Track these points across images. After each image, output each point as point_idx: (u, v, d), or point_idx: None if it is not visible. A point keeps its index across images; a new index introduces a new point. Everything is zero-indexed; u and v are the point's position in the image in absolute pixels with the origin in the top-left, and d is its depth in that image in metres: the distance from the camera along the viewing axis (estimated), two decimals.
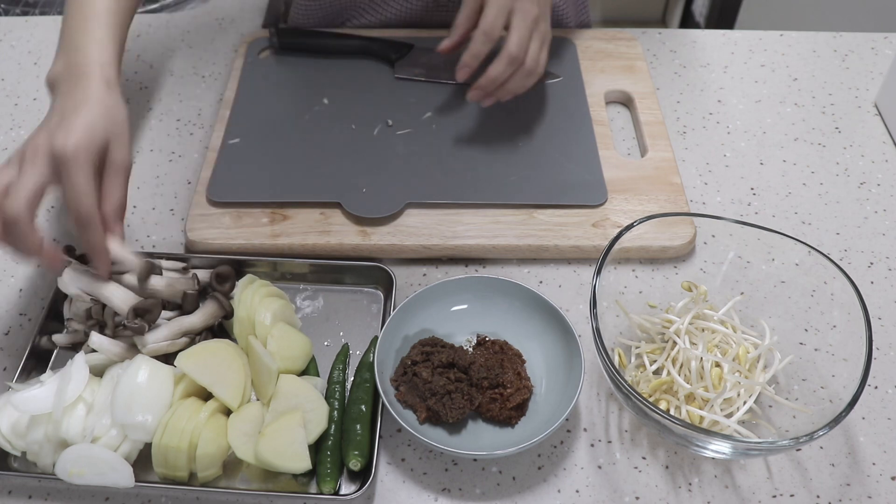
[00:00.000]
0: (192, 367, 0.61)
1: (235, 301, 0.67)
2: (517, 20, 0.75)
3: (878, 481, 0.62)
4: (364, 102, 0.89)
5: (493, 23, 0.75)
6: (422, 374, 0.62)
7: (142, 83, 0.96)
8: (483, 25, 0.76)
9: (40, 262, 0.64)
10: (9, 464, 0.61)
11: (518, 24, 0.75)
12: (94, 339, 0.63)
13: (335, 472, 0.60)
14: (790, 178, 0.85)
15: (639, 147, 0.87)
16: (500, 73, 0.77)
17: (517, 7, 0.76)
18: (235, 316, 0.66)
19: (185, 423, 0.59)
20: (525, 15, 0.76)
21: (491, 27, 0.76)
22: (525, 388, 0.63)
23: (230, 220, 0.77)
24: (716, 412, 0.60)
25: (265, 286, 0.68)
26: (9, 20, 1.05)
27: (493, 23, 0.75)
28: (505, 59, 0.76)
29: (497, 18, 0.75)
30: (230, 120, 0.87)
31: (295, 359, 0.65)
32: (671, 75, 0.97)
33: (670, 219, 0.75)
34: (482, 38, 0.76)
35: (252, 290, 0.67)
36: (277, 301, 0.68)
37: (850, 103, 0.93)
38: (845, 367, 0.60)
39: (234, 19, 1.05)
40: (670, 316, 0.66)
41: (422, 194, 0.79)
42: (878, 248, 0.78)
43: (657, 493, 0.61)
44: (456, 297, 0.70)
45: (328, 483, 0.59)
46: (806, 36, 1.03)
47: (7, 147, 0.88)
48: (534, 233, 0.76)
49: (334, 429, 0.62)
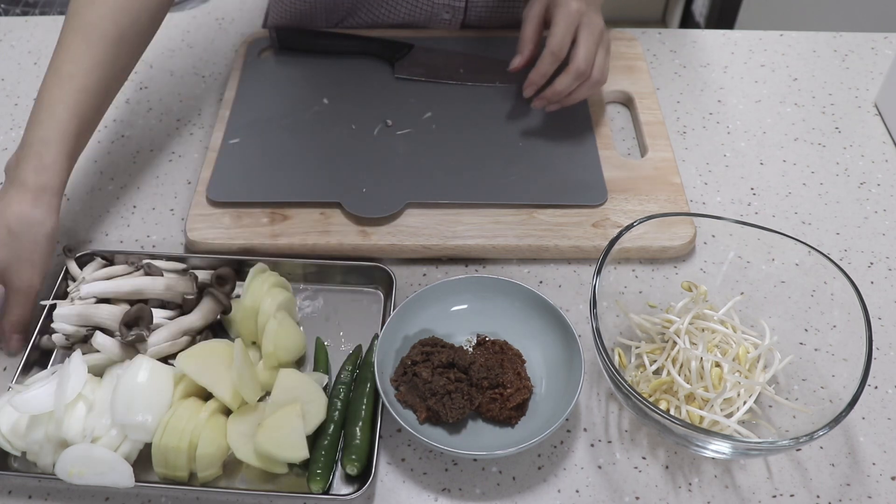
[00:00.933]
0: (192, 368, 0.61)
1: (244, 289, 0.67)
2: (584, 35, 0.77)
3: (878, 481, 0.62)
4: (364, 102, 0.89)
5: (562, 41, 0.77)
6: (422, 374, 0.62)
7: (142, 83, 0.96)
8: (552, 45, 0.77)
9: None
10: (9, 464, 0.61)
11: (585, 39, 0.77)
12: (97, 339, 0.63)
13: (326, 473, 0.60)
14: (790, 178, 0.85)
15: (639, 147, 0.87)
16: (566, 86, 0.79)
17: (584, 22, 0.77)
18: (241, 305, 0.67)
19: (185, 423, 0.59)
20: (592, 29, 0.77)
21: (560, 47, 0.77)
22: (525, 388, 0.63)
23: (230, 220, 0.77)
24: (716, 412, 0.60)
25: (274, 276, 0.69)
26: (9, 20, 1.05)
27: (561, 42, 0.77)
28: (573, 73, 0.77)
29: (566, 37, 0.77)
30: (230, 120, 0.87)
31: (288, 349, 0.66)
32: (671, 75, 0.97)
33: (670, 219, 0.75)
34: (551, 59, 0.78)
35: (262, 280, 0.67)
36: (283, 293, 0.68)
37: (850, 103, 0.93)
38: (845, 367, 0.60)
39: (234, 19, 1.05)
40: (670, 316, 0.66)
41: (422, 194, 0.79)
42: (878, 248, 0.78)
43: (657, 493, 0.61)
44: (456, 297, 0.70)
45: (318, 482, 0.59)
46: (806, 36, 1.03)
47: (7, 147, 0.88)
48: (534, 233, 0.76)
49: (333, 428, 0.62)
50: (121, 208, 0.81)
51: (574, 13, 0.77)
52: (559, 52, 0.77)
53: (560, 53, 0.77)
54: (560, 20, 0.77)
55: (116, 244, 0.78)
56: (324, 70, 0.93)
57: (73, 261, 0.71)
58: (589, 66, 0.77)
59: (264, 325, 0.65)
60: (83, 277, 0.69)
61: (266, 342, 0.64)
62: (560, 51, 0.77)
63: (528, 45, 0.81)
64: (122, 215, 0.81)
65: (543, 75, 0.79)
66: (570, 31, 0.77)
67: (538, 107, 0.83)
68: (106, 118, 0.91)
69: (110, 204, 0.82)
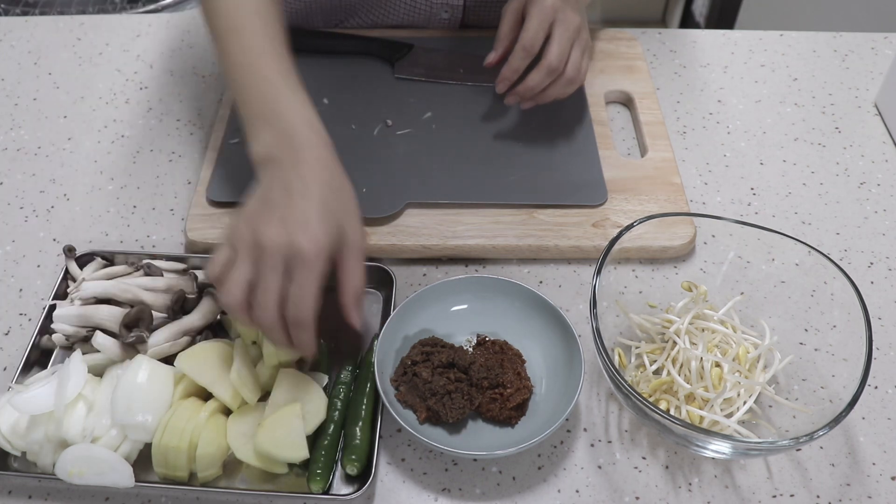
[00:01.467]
0: (192, 368, 0.61)
1: None
2: (558, 31, 0.76)
3: (878, 481, 0.62)
4: (364, 102, 0.89)
5: (534, 37, 0.76)
6: (422, 374, 0.62)
7: (142, 83, 0.96)
8: (523, 40, 0.76)
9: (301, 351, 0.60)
10: (9, 464, 0.61)
11: (559, 35, 0.76)
12: (97, 340, 0.63)
13: (326, 473, 0.59)
14: (790, 178, 0.85)
15: (639, 147, 0.87)
16: (538, 82, 0.77)
17: (559, 18, 0.76)
18: None
19: (185, 423, 0.59)
20: (567, 25, 0.76)
21: (531, 42, 0.76)
22: (525, 388, 0.63)
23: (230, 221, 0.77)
24: (716, 412, 0.60)
25: None
26: (9, 20, 1.05)
27: (533, 37, 0.76)
28: (544, 69, 0.76)
29: (538, 32, 0.76)
30: (230, 120, 0.87)
31: None
32: (671, 75, 0.97)
33: (670, 219, 0.75)
34: (522, 54, 0.77)
35: None
36: None
37: (850, 103, 0.93)
38: (845, 367, 0.60)
39: None
40: (670, 316, 0.66)
41: (422, 194, 0.79)
42: (878, 248, 0.78)
43: (657, 493, 0.61)
44: (456, 298, 0.70)
45: (318, 482, 0.59)
46: (806, 36, 1.03)
47: (7, 147, 0.88)
48: (534, 233, 0.76)
49: (333, 428, 0.62)
50: (121, 208, 0.81)
51: (548, 9, 0.76)
52: (530, 47, 0.76)
53: (531, 48, 0.76)
54: (534, 15, 0.76)
55: (116, 244, 0.78)
56: (324, 70, 0.93)
57: (73, 261, 0.71)
58: (561, 63, 0.76)
59: None
60: (83, 277, 0.69)
61: (267, 341, 0.64)
62: (531, 46, 0.76)
63: (504, 41, 0.80)
64: (122, 215, 0.81)
65: (515, 70, 0.78)
66: (544, 26, 0.76)
67: (511, 103, 0.82)
68: (106, 118, 0.91)
69: (110, 204, 0.82)
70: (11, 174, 0.85)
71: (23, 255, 0.77)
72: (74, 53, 1.00)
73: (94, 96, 0.94)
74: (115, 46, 1.01)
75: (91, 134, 0.89)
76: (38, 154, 0.87)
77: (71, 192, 0.83)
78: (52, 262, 0.76)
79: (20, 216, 0.80)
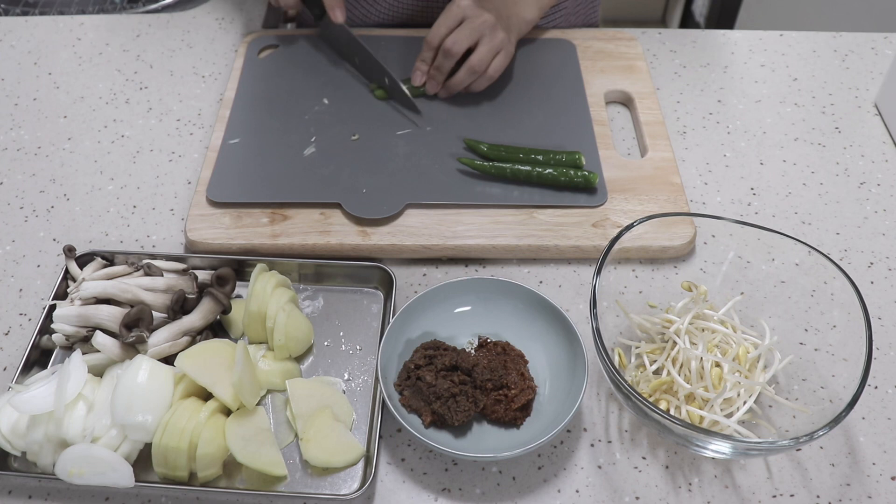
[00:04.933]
0: (192, 367, 0.61)
1: (248, 290, 0.67)
2: (484, 42, 0.86)
3: (878, 481, 0.62)
4: (364, 102, 0.89)
5: (436, 33, 0.86)
6: (425, 377, 0.62)
7: (142, 83, 0.96)
8: (447, 44, 0.85)
9: None
10: (9, 464, 0.61)
11: (484, 45, 0.85)
12: (97, 340, 0.63)
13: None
14: (790, 178, 0.85)
15: (639, 147, 0.87)
16: (461, 81, 0.87)
17: (486, 32, 0.85)
18: (246, 310, 0.67)
19: (185, 423, 0.59)
20: (492, 39, 0.86)
21: (432, 37, 0.86)
22: (529, 389, 0.63)
23: (230, 220, 0.77)
24: (716, 412, 0.60)
25: (277, 276, 0.69)
26: (9, 20, 1.05)
27: (434, 33, 0.86)
28: (466, 69, 0.86)
29: (439, 28, 0.86)
30: (230, 120, 0.87)
31: (298, 340, 0.67)
32: (671, 75, 0.97)
33: (670, 219, 0.75)
34: (425, 47, 0.88)
35: (265, 280, 0.68)
36: (287, 293, 0.69)
37: (850, 103, 0.93)
38: (845, 367, 0.60)
39: (234, 19, 1.05)
40: (670, 316, 0.66)
41: (422, 194, 0.79)
42: (878, 248, 0.78)
43: (657, 493, 0.61)
44: (457, 300, 0.70)
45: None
46: (806, 36, 1.03)
47: (7, 147, 0.88)
48: (534, 233, 0.76)
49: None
50: (121, 208, 0.81)
51: (454, 9, 0.86)
52: (430, 41, 0.87)
53: (431, 42, 0.87)
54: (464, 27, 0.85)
55: (116, 244, 0.78)
56: (324, 70, 0.93)
57: (73, 261, 0.71)
58: (483, 67, 0.86)
59: (274, 318, 0.65)
60: (83, 277, 0.69)
61: (277, 334, 0.65)
62: (431, 40, 0.87)
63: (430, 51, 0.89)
64: (122, 215, 0.81)
65: (423, 62, 0.88)
66: (449, 24, 0.86)
67: (431, 91, 0.89)
68: (106, 118, 0.91)
69: (110, 204, 0.82)
70: (11, 174, 0.85)
71: (23, 255, 0.77)
72: (74, 53, 1.00)
73: (94, 96, 0.94)
74: (115, 46, 1.01)
75: (91, 134, 0.89)
76: (38, 154, 0.87)
77: (71, 192, 0.83)
78: (52, 262, 0.76)
79: (20, 216, 0.81)
